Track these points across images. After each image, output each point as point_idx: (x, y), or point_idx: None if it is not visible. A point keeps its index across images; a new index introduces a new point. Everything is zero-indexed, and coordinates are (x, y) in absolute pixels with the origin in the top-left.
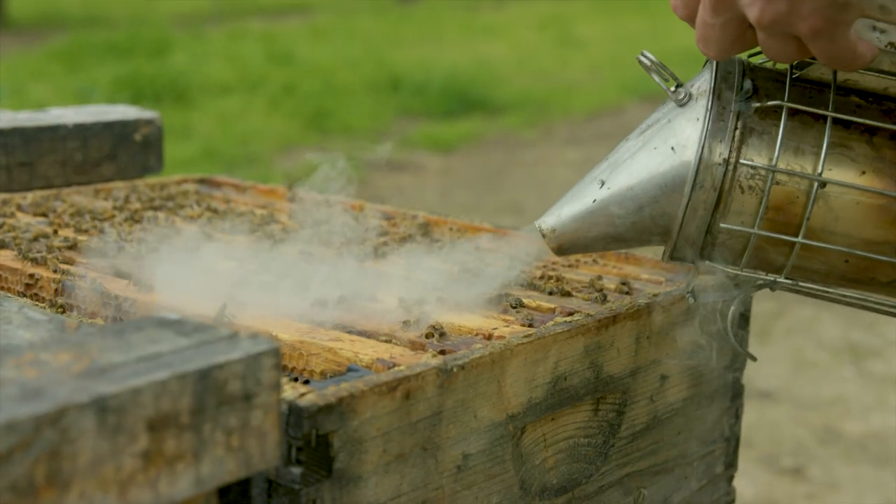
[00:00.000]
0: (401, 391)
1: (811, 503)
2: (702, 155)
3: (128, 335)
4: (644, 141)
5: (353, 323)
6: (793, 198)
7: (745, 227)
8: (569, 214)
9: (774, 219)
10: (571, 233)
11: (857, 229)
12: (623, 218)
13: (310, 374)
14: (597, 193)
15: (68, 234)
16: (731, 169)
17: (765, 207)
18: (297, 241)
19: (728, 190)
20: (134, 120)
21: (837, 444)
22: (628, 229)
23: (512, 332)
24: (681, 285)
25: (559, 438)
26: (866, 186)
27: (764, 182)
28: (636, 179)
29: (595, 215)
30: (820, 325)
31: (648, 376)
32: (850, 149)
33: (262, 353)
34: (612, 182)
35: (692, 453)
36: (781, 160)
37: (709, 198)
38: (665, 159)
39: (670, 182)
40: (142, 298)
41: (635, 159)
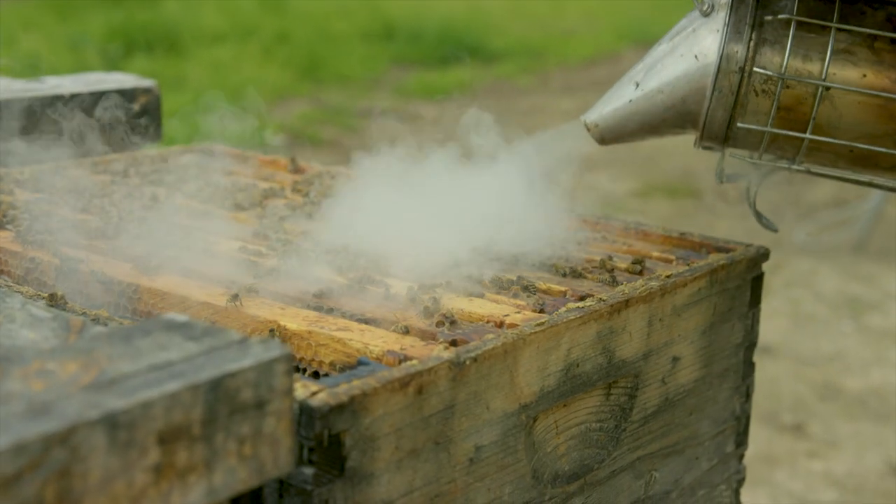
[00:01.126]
0: (413, 386)
1: (812, 460)
2: (720, 64)
3: (136, 340)
4: (672, 47)
5: (361, 310)
6: (801, 99)
7: (760, 125)
8: (609, 111)
9: (786, 117)
10: (611, 127)
11: (859, 125)
12: (654, 115)
13: (318, 364)
14: (632, 94)
15: (67, 213)
16: (746, 76)
17: (776, 109)
18: (300, 217)
19: (744, 93)
20: (132, 89)
21: (837, 400)
22: (659, 125)
23: (524, 318)
24: (693, 264)
25: (571, 424)
26: (865, 89)
27: (776, 86)
28: (665, 82)
29: (630, 113)
30: (818, 277)
31: (660, 359)
32: (853, 54)
33: (274, 360)
34: (644, 84)
35: (703, 433)
36: (790, 66)
37: (727, 100)
38: (689, 66)
39: (694, 86)
40: (145, 285)
41: (664, 64)
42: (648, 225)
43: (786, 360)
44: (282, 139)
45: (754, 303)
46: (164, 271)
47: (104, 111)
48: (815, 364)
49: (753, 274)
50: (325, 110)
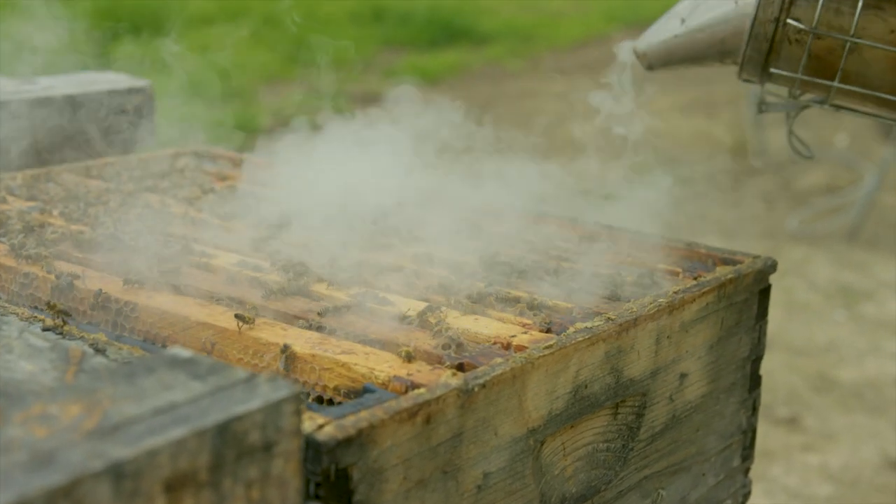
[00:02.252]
0: (421, 416)
1: (807, 454)
2: (757, 13)
3: (139, 379)
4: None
5: (365, 330)
6: (831, 50)
7: (792, 71)
8: (656, 42)
9: (816, 65)
10: (658, 56)
11: (885, 74)
12: (697, 51)
13: (322, 388)
14: (677, 29)
15: (61, 223)
16: (780, 25)
17: (806, 58)
18: (300, 226)
19: (779, 41)
20: (125, 89)
21: (832, 392)
22: (701, 59)
23: (531, 339)
24: (701, 278)
25: (578, 445)
26: (892, 46)
27: (807, 37)
28: (706, 23)
29: (675, 46)
30: (811, 266)
31: (668, 376)
32: (883, 10)
33: (282, 400)
34: (689, 22)
35: (710, 449)
36: (822, 19)
37: (762, 47)
38: (729, 9)
39: (733, 29)
40: (143, 303)
41: (708, 5)
42: (653, 235)
43: (780, 351)
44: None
45: (761, 315)
46: (162, 288)
47: (97, 112)
48: (810, 355)
49: (761, 286)
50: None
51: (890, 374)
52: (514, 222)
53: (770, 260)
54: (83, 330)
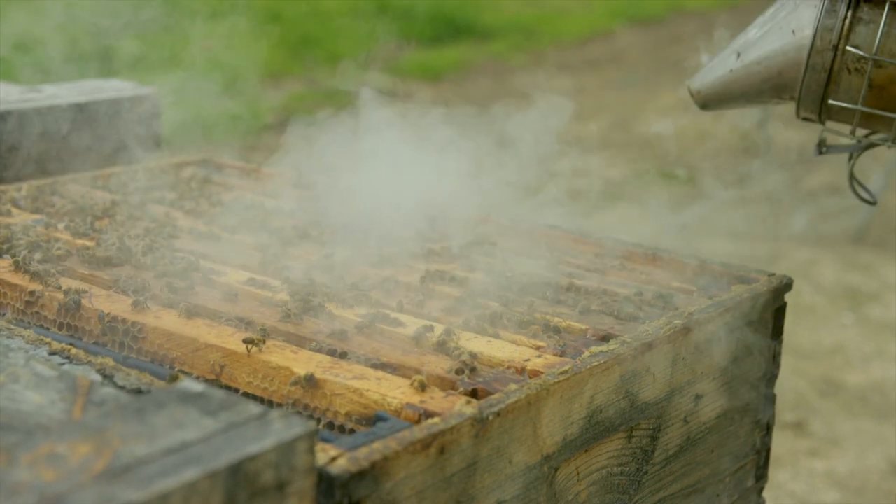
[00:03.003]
0: (435, 447)
1: (814, 460)
2: (815, 41)
3: (149, 416)
4: (774, 20)
5: (376, 353)
6: (893, 79)
7: (852, 102)
8: (711, 79)
9: (878, 96)
10: (713, 94)
11: None
12: (753, 86)
13: (333, 414)
14: (733, 64)
15: (67, 237)
16: (839, 53)
17: (867, 87)
18: (309, 241)
19: (837, 71)
20: (130, 97)
21: (838, 396)
22: (758, 94)
23: (545, 363)
24: (716, 297)
25: (592, 470)
26: None
27: (867, 66)
28: (763, 55)
29: (731, 81)
30: (817, 267)
31: (683, 398)
32: None
33: (296, 439)
34: (745, 56)
35: (724, 470)
36: (883, 46)
37: (820, 77)
38: (786, 40)
39: (790, 61)
40: (151, 324)
41: (764, 37)
42: (667, 251)
43: (786, 354)
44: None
45: (776, 334)
46: (169, 307)
47: (102, 121)
48: (816, 358)
49: (776, 305)
50: (317, 90)
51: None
52: (525, 237)
53: (785, 278)
54: (90, 352)
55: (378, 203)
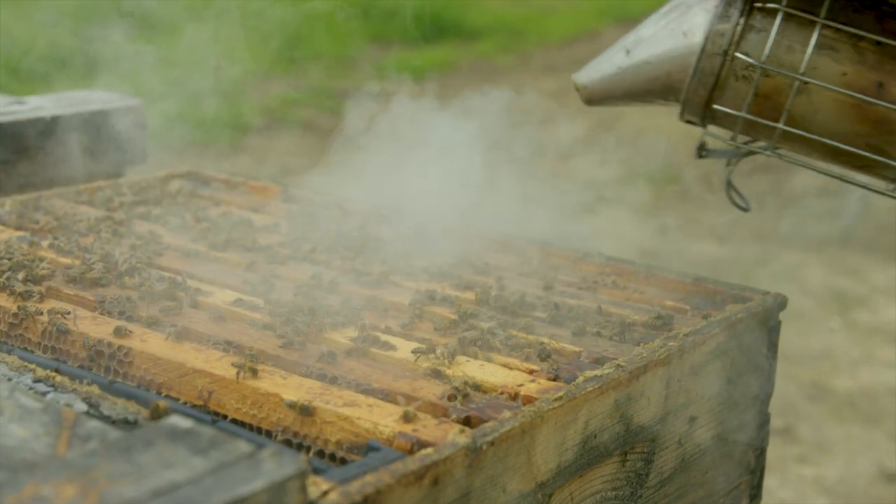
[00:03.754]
0: (429, 478)
1: (802, 466)
2: (704, 46)
3: (137, 455)
4: (665, 19)
5: (367, 378)
6: (779, 89)
7: (737, 109)
8: (598, 75)
9: (762, 104)
10: (599, 90)
11: (834, 121)
12: (640, 85)
13: (324, 443)
14: (621, 61)
15: (51, 256)
16: (728, 60)
17: (753, 95)
18: (300, 261)
19: (725, 77)
20: (115, 109)
21: (826, 401)
22: (644, 94)
23: (539, 388)
24: (712, 317)
25: (586, 495)
26: (843, 88)
27: (755, 72)
28: (652, 55)
29: (618, 79)
30: (804, 271)
31: (678, 420)
32: (837, 51)
33: (287, 479)
34: (634, 54)
35: (718, 490)
36: (772, 56)
37: (708, 81)
38: (677, 42)
39: (679, 62)
40: (137, 348)
41: (655, 36)
42: (661, 268)
43: None
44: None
45: (771, 353)
46: (156, 329)
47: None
48: (804, 363)
49: (770, 324)
50: (302, 91)
51: (884, 384)
52: (517, 254)
53: (780, 297)
54: (76, 377)
55: (366, 217)
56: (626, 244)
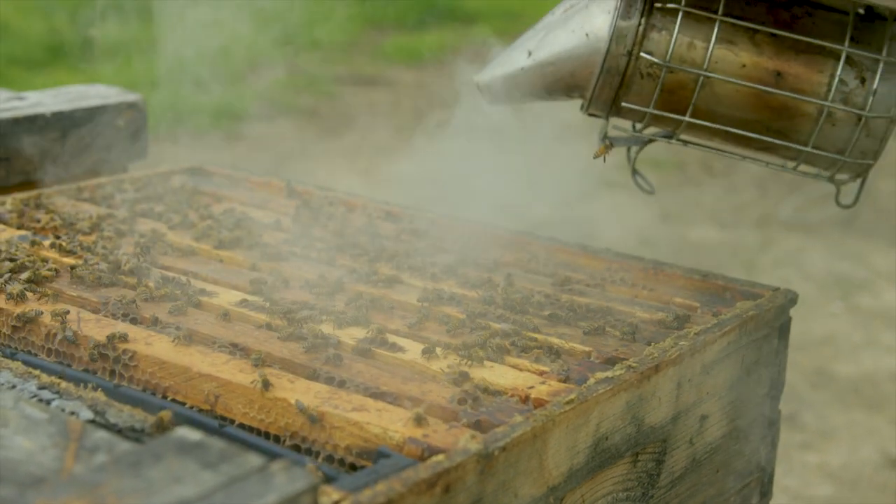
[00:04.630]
0: (440, 486)
1: (806, 453)
2: (609, 47)
3: (146, 470)
4: (565, 20)
5: (376, 381)
6: (683, 84)
7: (643, 105)
8: (500, 75)
9: (668, 99)
10: (502, 91)
11: (736, 111)
12: (544, 85)
13: (333, 448)
14: (524, 62)
15: (54, 256)
16: (633, 59)
17: (659, 92)
18: (305, 259)
19: (630, 75)
20: (116, 104)
21: (830, 387)
22: (548, 93)
23: (550, 391)
24: (723, 314)
25: (597, 496)
26: (743, 80)
27: (660, 71)
28: (556, 56)
29: (521, 79)
30: (806, 255)
31: (689, 420)
32: (735, 44)
33: (299, 494)
34: (537, 54)
35: (729, 489)
36: (675, 54)
37: (614, 81)
38: (580, 42)
39: (583, 62)
40: (142, 352)
41: (557, 37)
42: (669, 265)
43: None
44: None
45: (781, 350)
46: (161, 331)
47: (88, 129)
48: (806, 349)
49: (781, 321)
50: (300, 77)
51: (887, 369)
52: (523, 251)
53: (791, 293)
54: (81, 381)
55: (371, 214)
56: (626, 230)
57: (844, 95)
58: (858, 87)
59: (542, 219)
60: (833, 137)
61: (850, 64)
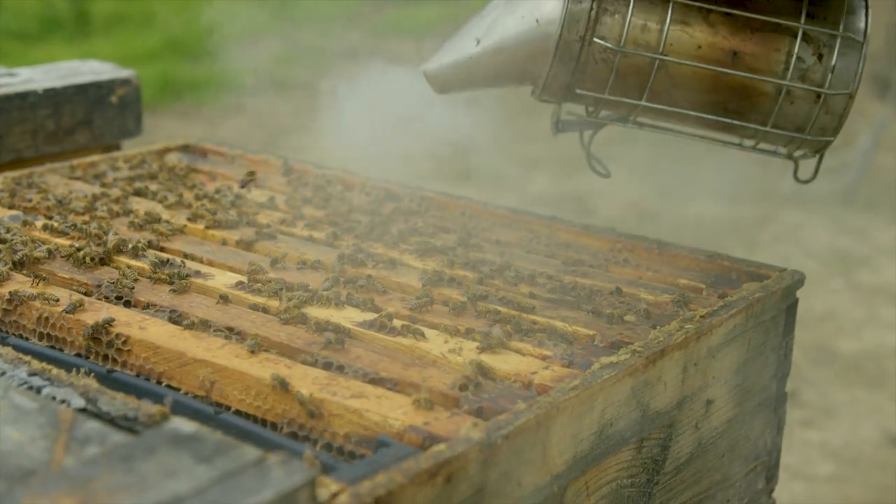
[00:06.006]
0: (442, 476)
1: (808, 430)
2: (561, 33)
3: (138, 464)
4: (513, 6)
5: (375, 367)
6: (638, 68)
7: (598, 91)
8: (449, 63)
9: (623, 83)
10: (451, 79)
11: (693, 92)
12: (495, 72)
13: (332, 436)
14: (472, 50)
15: (46, 236)
16: (586, 45)
17: (614, 77)
18: (302, 240)
19: (584, 61)
20: (109, 80)
21: (831, 364)
22: (499, 80)
23: (553, 376)
24: (729, 296)
25: (601, 484)
26: (699, 62)
27: (613, 56)
28: (506, 43)
29: (470, 68)
30: (806, 231)
31: (694, 404)
32: (689, 25)
33: (297, 489)
34: (485, 42)
35: (734, 474)
36: (629, 38)
37: (567, 67)
38: (531, 30)
39: (535, 50)
40: (136, 336)
41: (506, 25)
42: (674, 245)
43: None
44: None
45: (788, 331)
46: (155, 314)
47: (80, 106)
48: (807, 325)
49: (788, 302)
50: (297, 50)
51: (888, 345)
52: (524, 230)
53: (798, 274)
54: (73, 366)
55: (369, 192)
56: (625, 204)
57: (802, 73)
58: (816, 63)
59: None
60: (792, 115)
61: (807, 41)
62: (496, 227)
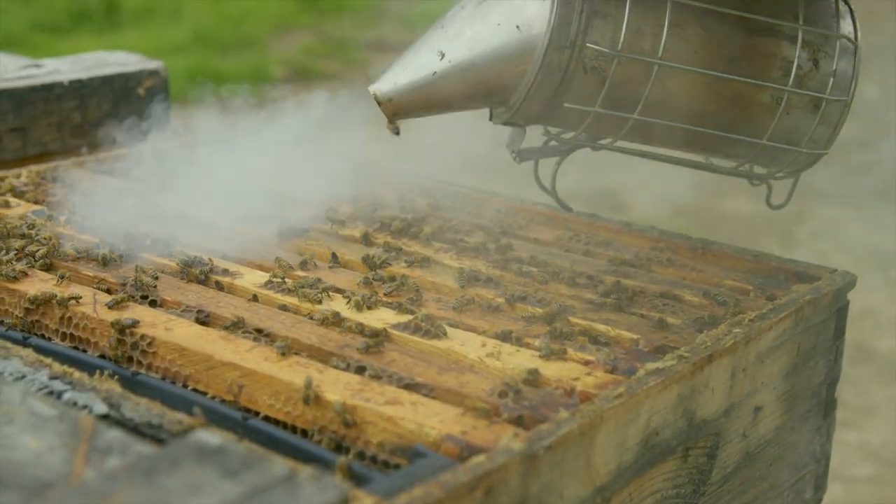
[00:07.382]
0: (481, 489)
1: (846, 431)
2: (550, 38)
3: (161, 478)
4: (483, 14)
5: (410, 371)
6: (632, 77)
7: (585, 104)
8: (407, 84)
9: (614, 96)
10: (409, 102)
11: (685, 104)
12: (463, 90)
13: (365, 444)
14: (437, 66)
15: (69, 233)
16: (577, 51)
17: (608, 88)
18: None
19: (572, 71)
20: (136, 72)
21: (869, 363)
22: (466, 100)
23: (596, 383)
24: (778, 299)
25: (645, 495)
26: (697, 68)
27: (607, 63)
28: (479, 55)
29: (435, 86)
30: (843, 227)
31: (742, 411)
32: (684, 28)
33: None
34: (452, 55)
35: (782, 483)
36: (626, 43)
37: (554, 78)
38: (510, 37)
39: (515, 60)
40: (161, 337)
41: (477, 34)
42: (718, 244)
43: None
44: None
45: (838, 335)
46: (182, 315)
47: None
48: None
49: (839, 305)
50: (327, 42)
51: None
52: (563, 228)
53: (849, 275)
54: (95, 368)
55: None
56: (661, 200)
57: (799, 80)
58: (813, 69)
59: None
60: (786, 128)
61: (803, 45)
62: (533, 225)
